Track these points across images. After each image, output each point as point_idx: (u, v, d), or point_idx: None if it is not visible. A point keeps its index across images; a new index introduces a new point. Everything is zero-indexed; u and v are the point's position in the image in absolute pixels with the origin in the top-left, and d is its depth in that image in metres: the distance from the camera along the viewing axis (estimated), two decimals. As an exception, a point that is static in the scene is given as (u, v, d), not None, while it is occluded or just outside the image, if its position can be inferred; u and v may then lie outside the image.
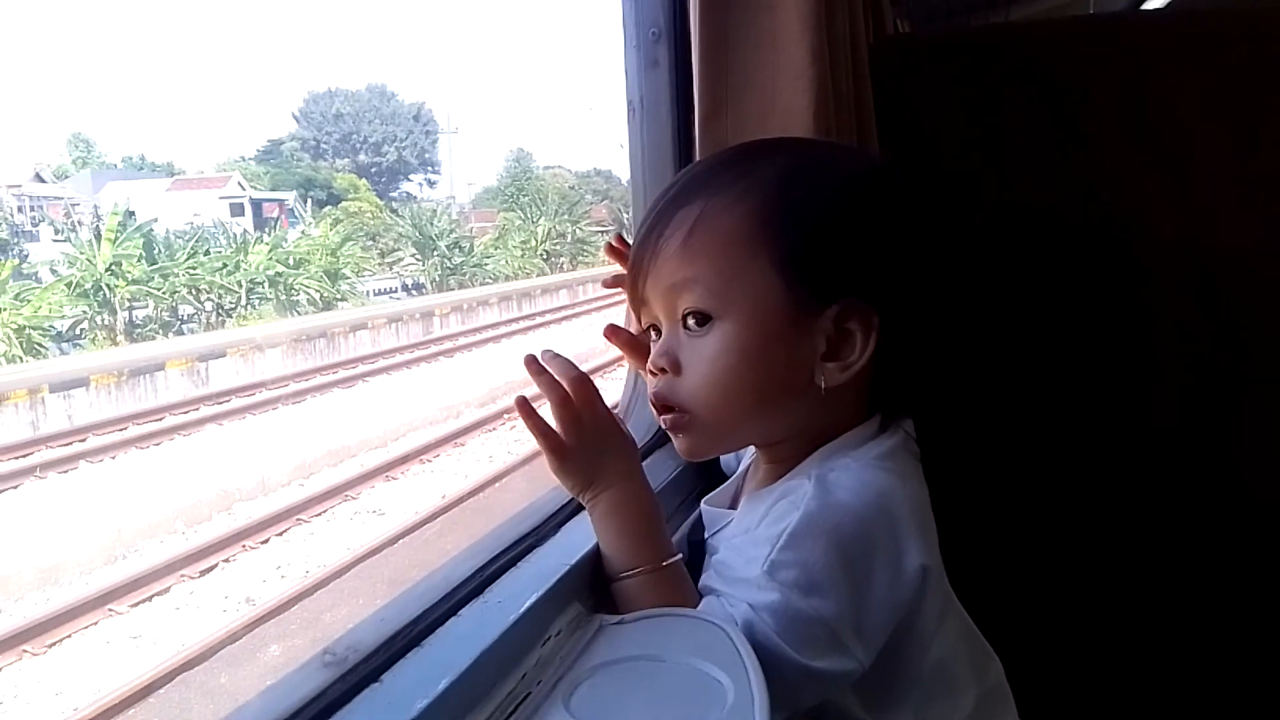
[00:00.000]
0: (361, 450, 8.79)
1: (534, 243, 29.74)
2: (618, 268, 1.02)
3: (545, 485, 0.89)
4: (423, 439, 8.95)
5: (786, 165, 0.81)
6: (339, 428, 9.31)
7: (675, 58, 1.18)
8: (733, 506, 0.90)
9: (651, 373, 0.83)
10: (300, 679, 0.55)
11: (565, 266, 30.34)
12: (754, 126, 1.06)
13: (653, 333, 0.84)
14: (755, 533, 0.77)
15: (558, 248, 30.79)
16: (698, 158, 1.11)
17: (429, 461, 8.42)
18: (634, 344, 0.96)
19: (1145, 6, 2.41)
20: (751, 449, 0.93)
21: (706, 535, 0.88)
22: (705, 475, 1.05)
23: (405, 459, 8.29)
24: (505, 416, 9.76)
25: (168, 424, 9.79)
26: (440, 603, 0.66)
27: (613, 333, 0.97)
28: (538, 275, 27.65)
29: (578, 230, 31.91)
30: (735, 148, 0.89)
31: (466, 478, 7.75)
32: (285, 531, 6.72)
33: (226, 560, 6.20)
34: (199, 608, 5.54)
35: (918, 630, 0.77)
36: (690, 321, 0.79)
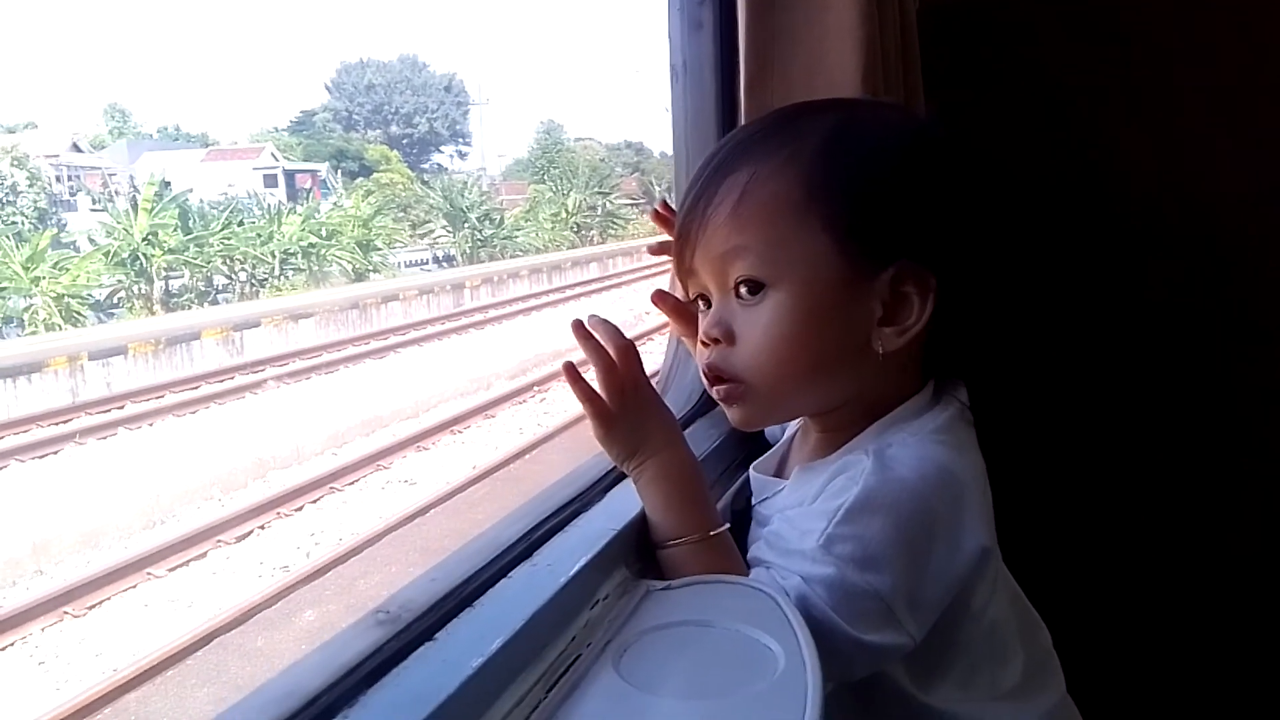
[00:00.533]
0: (393, 420, 8.87)
1: (564, 215, 29.72)
2: (663, 236, 1.01)
3: (575, 457, 0.89)
4: (453, 410, 9.01)
5: (833, 127, 0.78)
6: (371, 398, 9.40)
7: (720, 20, 1.16)
8: (778, 474, 0.89)
9: (703, 343, 0.81)
10: (354, 636, 0.55)
11: (595, 239, 30.31)
12: (801, 89, 1.04)
13: (701, 303, 0.83)
14: (811, 506, 0.75)
15: (588, 220, 30.76)
16: (742, 122, 1.09)
17: (460, 433, 8.48)
18: (681, 310, 0.95)
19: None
20: None
21: (754, 502, 0.88)
22: (748, 443, 1.04)
23: (436, 429, 8.35)
24: (535, 389, 9.81)
25: (204, 392, 9.93)
26: (490, 564, 0.66)
27: (660, 298, 0.96)
28: (568, 248, 27.63)
29: (608, 203, 31.84)
30: (779, 111, 0.87)
31: (497, 449, 7.80)
32: (319, 500, 6.81)
33: (262, 527, 6.30)
34: (235, 573, 5.63)
35: (970, 603, 0.76)
36: (743, 290, 0.77)
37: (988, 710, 0.79)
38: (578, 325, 0.80)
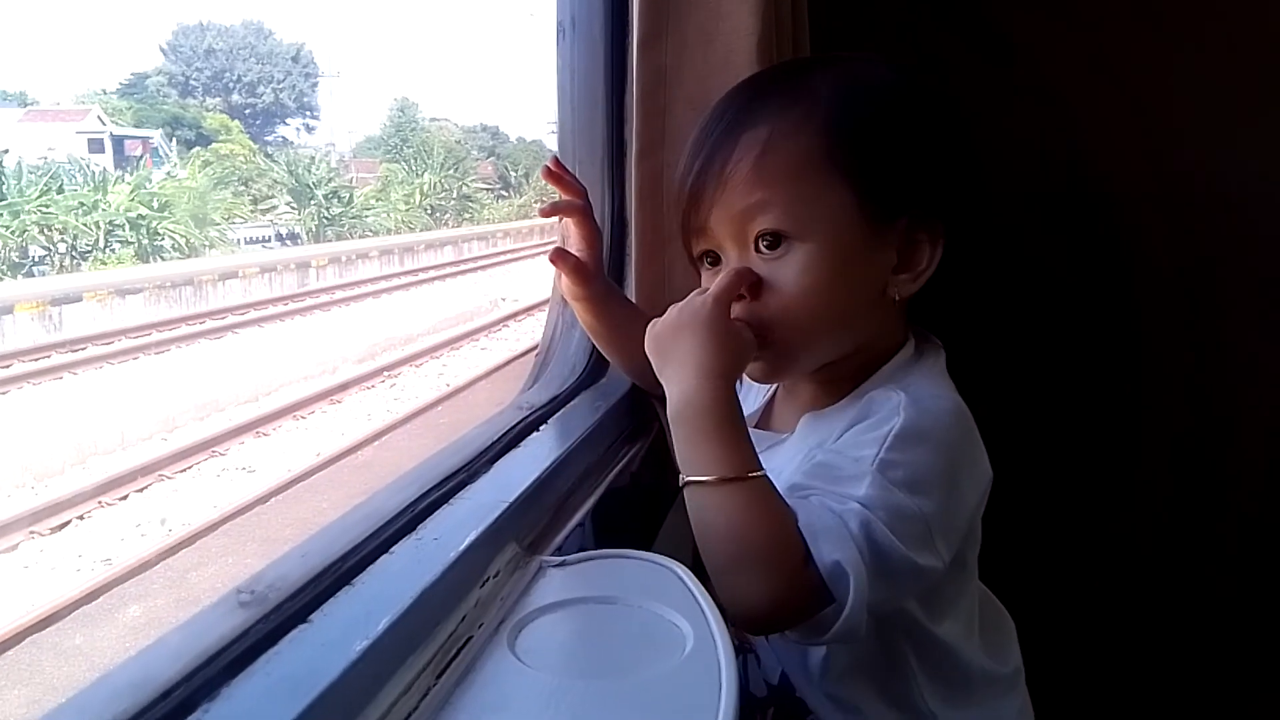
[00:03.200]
0: (230, 405, 8.39)
1: (418, 197, 28.98)
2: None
3: (432, 444, 0.84)
4: (296, 394, 8.60)
5: (842, 82, 0.81)
6: (206, 380, 8.86)
7: (611, -24, 1.11)
8: (758, 427, 0.89)
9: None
10: (213, 619, 0.48)
11: (450, 223, 29.71)
12: (695, 50, 1.02)
13: (705, 260, 0.83)
14: (858, 436, 0.75)
15: (442, 203, 30.11)
16: (633, 82, 1.05)
17: (303, 418, 8.11)
18: (580, 270, 0.91)
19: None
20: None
21: None
22: (635, 416, 1.01)
23: (278, 414, 7.95)
24: (385, 374, 9.50)
25: (16, 371, 9.11)
26: (370, 538, 0.59)
27: (560, 257, 0.91)
28: (421, 230, 26.96)
29: (464, 186, 31.26)
30: (780, 66, 0.89)
31: (344, 435, 7.49)
32: (146, 488, 6.35)
33: (81, 517, 5.83)
34: (51, 567, 5.19)
35: (974, 537, 0.81)
36: (762, 245, 0.77)
37: (977, 654, 0.83)
38: None
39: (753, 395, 0.95)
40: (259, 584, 0.52)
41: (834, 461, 0.74)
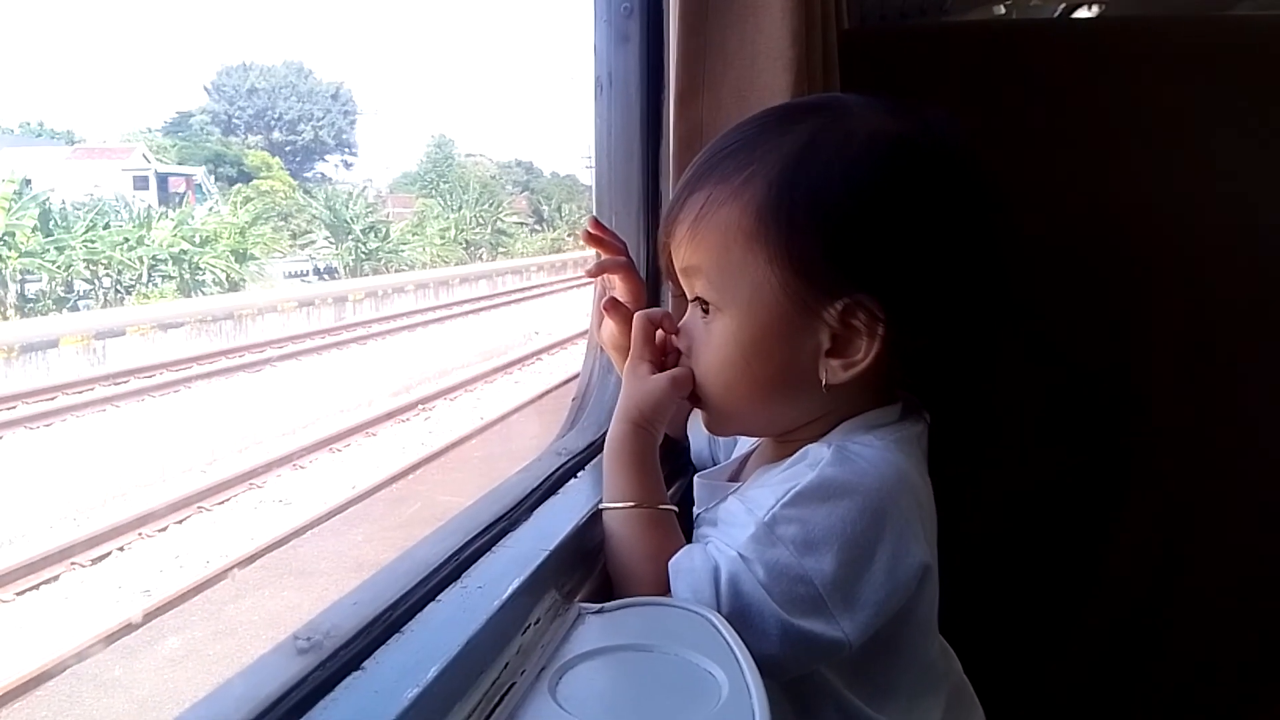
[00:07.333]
0: (269, 437, 8.50)
1: (453, 231, 29.34)
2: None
3: (469, 478, 0.86)
4: (333, 427, 8.70)
5: (794, 150, 0.73)
6: (245, 413, 8.99)
7: (647, 33, 1.15)
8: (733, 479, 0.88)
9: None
10: (274, 665, 0.50)
11: (485, 257, 30.03)
12: (731, 106, 1.04)
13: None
14: (768, 486, 0.74)
15: (477, 237, 30.46)
16: (670, 137, 1.08)
17: (339, 450, 8.20)
18: (629, 321, 0.93)
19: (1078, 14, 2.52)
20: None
21: (699, 510, 0.86)
22: (670, 460, 1.02)
23: (314, 447, 8.05)
24: (420, 407, 9.58)
25: (60, 404, 9.31)
26: (417, 587, 0.62)
27: (613, 307, 0.93)
28: (456, 264, 27.28)
29: (498, 221, 31.63)
30: (759, 117, 0.81)
31: (379, 468, 7.56)
32: (185, 520, 6.45)
33: (121, 549, 5.92)
34: (91, 597, 5.27)
35: (917, 620, 0.75)
36: (700, 305, 0.79)
37: None
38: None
39: (736, 447, 0.97)
40: (316, 631, 0.54)
41: (733, 508, 0.75)
